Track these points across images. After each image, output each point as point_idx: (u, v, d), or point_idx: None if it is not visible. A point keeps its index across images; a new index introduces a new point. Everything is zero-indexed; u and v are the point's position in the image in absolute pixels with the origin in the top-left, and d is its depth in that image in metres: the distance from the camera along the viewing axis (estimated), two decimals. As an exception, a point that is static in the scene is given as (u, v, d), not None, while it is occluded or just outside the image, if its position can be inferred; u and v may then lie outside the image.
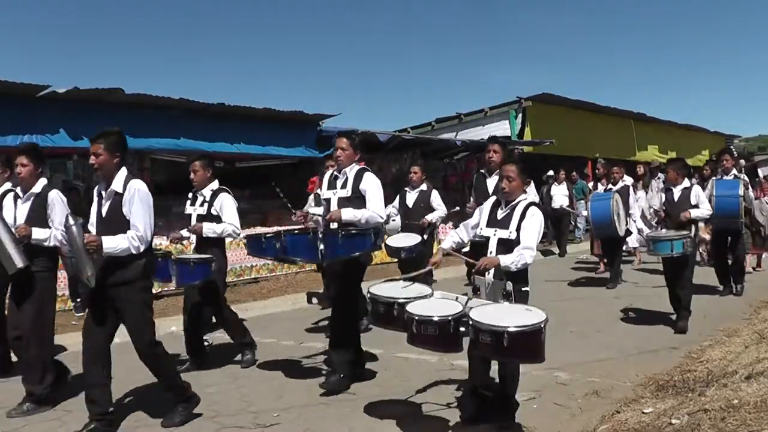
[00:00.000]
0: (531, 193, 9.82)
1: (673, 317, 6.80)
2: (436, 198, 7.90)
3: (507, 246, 4.08)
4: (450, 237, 4.47)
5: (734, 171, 8.60)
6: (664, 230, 6.91)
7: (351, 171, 5.20)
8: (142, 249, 4.17)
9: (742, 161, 9.19)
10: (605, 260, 10.58)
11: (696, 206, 6.92)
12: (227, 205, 5.83)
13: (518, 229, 4.10)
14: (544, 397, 4.71)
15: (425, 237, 7.28)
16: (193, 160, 6.07)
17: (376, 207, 5.12)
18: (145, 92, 9.41)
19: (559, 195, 13.71)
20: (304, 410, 4.70)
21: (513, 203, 4.23)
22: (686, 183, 7.09)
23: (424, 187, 7.95)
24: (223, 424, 4.49)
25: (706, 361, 5.17)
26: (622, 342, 6.21)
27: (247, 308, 8.36)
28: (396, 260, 8.37)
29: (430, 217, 7.71)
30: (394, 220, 8.01)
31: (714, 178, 9.28)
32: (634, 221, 9.35)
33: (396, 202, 8.05)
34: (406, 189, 8.09)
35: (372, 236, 4.92)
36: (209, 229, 5.75)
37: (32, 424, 4.65)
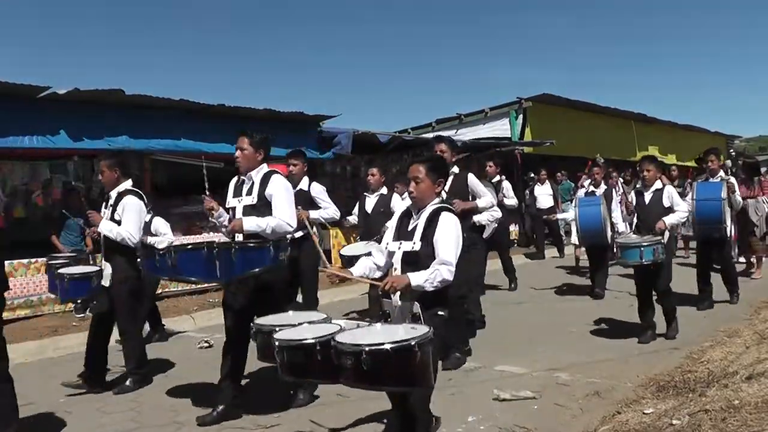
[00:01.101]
0: (508, 193, 9.53)
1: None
2: (397, 202, 7.11)
3: (412, 261, 3.46)
4: (362, 263, 3.76)
5: (721, 173, 8.01)
6: (633, 236, 6.37)
7: (257, 175, 4.60)
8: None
9: (729, 162, 8.75)
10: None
11: (670, 210, 6.31)
12: (128, 208, 5.32)
13: (424, 239, 3.47)
14: (545, 398, 4.71)
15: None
16: (100, 159, 5.64)
17: (283, 214, 4.47)
18: (145, 93, 9.42)
19: (543, 195, 13.53)
20: (305, 411, 4.69)
21: (422, 210, 3.59)
22: (658, 185, 6.46)
23: (384, 190, 7.36)
24: (224, 424, 4.48)
25: (707, 362, 5.17)
26: (623, 343, 6.21)
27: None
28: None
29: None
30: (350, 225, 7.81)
31: (697, 180, 8.84)
32: (615, 224, 8.59)
33: (356, 209, 7.61)
34: (366, 194, 7.53)
35: (271, 250, 4.21)
36: (107, 229, 5.30)
37: (32, 425, 4.65)
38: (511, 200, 9.54)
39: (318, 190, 6.65)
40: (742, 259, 10.37)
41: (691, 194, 7.57)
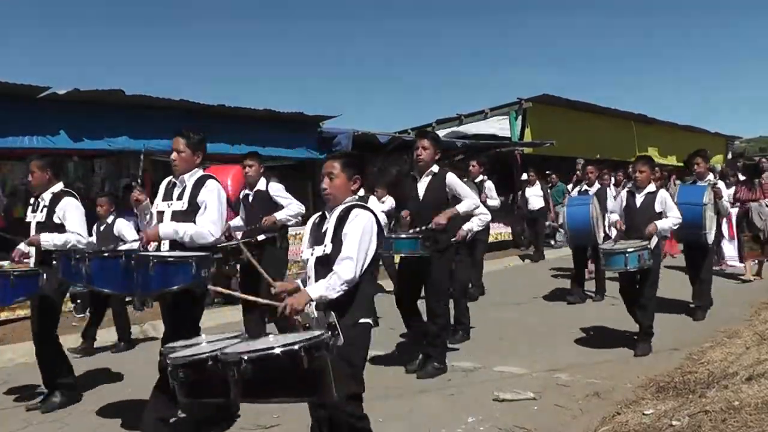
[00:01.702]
0: (491, 193, 9.13)
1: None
2: (373, 205, 7.05)
3: (326, 265, 3.14)
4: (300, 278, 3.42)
5: (710, 176, 7.56)
6: (620, 241, 6.05)
7: (191, 178, 4.22)
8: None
9: (717, 166, 8.29)
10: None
11: (661, 215, 5.94)
12: (70, 209, 4.96)
13: (335, 240, 3.16)
14: (545, 399, 4.71)
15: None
16: (30, 159, 5.21)
17: (206, 221, 4.06)
18: (145, 93, 9.42)
19: (534, 197, 13.46)
20: (305, 411, 4.68)
21: (334, 210, 3.29)
22: (651, 187, 6.07)
23: (360, 194, 7.31)
24: (223, 425, 4.48)
25: (707, 363, 5.17)
26: (623, 343, 6.20)
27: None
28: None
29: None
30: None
31: (681, 183, 8.61)
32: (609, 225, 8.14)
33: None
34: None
35: (193, 266, 3.69)
36: (48, 240, 4.82)
37: (32, 425, 4.65)
38: (494, 201, 9.16)
39: (276, 189, 6.42)
40: (738, 263, 10.15)
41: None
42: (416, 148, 5.47)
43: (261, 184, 6.48)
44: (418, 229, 5.32)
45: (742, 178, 10.55)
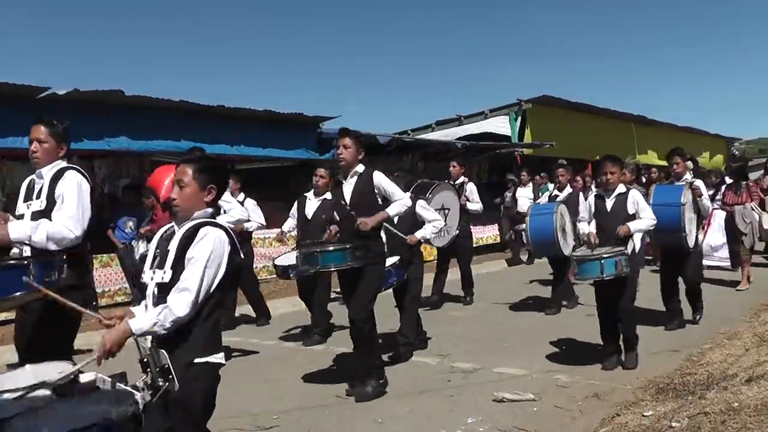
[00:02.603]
0: (472, 197, 8.52)
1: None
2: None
3: (166, 293, 2.70)
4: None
5: (687, 176, 7.00)
6: (587, 249, 5.55)
7: (49, 173, 3.70)
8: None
9: (690, 163, 7.29)
10: None
11: (633, 218, 5.51)
12: None
13: (177, 265, 2.71)
14: (545, 400, 4.70)
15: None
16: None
17: (63, 216, 3.53)
18: (145, 94, 9.42)
19: (524, 198, 12.93)
20: (304, 412, 4.69)
21: (183, 226, 2.81)
22: (621, 188, 5.61)
23: (329, 195, 6.39)
24: (223, 426, 4.47)
25: (707, 364, 5.17)
26: (623, 345, 6.20)
27: (248, 310, 8.35)
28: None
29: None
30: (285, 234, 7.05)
31: (657, 183, 8.16)
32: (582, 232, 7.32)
33: (294, 210, 7.00)
34: (307, 195, 6.90)
35: (33, 270, 3.08)
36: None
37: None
38: (476, 205, 8.59)
39: None
40: (725, 264, 9.57)
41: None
42: (336, 147, 5.08)
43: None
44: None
45: (729, 180, 10.10)
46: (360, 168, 5.00)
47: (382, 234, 5.21)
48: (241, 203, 6.52)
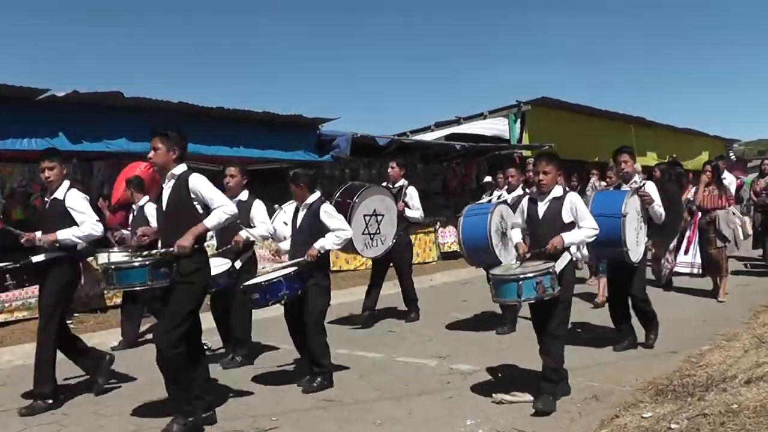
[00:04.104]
0: (413, 202, 7.64)
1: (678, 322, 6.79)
2: (258, 211, 6.05)
3: None
4: None
5: (636, 177, 6.27)
6: (515, 262, 4.82)
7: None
8: None
9: (638, 165, 6.43)
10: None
11: (570, 226, 4.70)
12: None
13: None
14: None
15: (236, 264, 5.73)
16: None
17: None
18: (144, 96, 9.42)
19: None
20: (303, 414, 4.69)
21: None
22: (557, 191, 4.80)
23: (244, 196, 6.14)
24: (222, 428, 4.48)
25: (706, 366, 5.17)
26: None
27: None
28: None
29: (246, 235, 5.82)
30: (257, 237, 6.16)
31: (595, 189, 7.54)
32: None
33: (275, 220, 6.40)
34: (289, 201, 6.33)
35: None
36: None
37: (31, 427, 4.64)
38: (415, 212, 7.70)
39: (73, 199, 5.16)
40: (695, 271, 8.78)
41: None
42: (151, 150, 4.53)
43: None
44: (157, 251, 4.32)
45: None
46: (177, 170, 4.43)
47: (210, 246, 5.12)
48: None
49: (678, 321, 7.26)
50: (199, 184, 4.36)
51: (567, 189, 4.95)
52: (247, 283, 5.20)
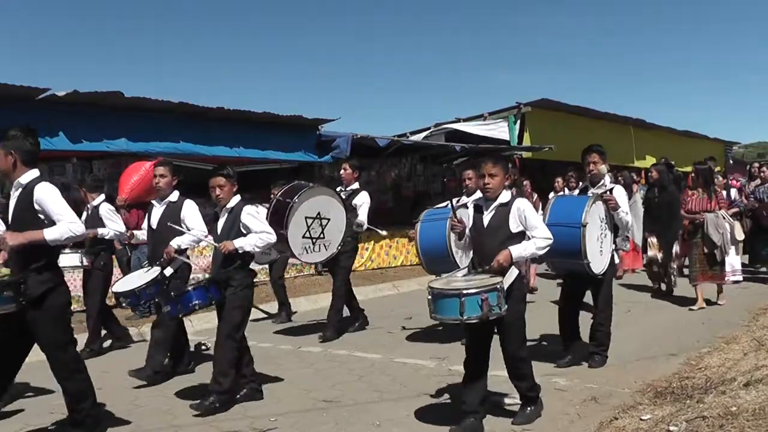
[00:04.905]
0: (361, 207, 7.14)
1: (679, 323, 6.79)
2: (189, 212, 5.54)
3: None
4: None
5: (606, 179, 5.73)
6: (460, 273, 4.39)
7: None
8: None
9: (604, 167, 5.56)
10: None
11: (519, 236, 4.24)
12: None
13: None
14: (543, 403, 4.69)
15: (168, 273, 5.35)
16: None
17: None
18: (144, 96, 9.42)
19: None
20: (302, 415, 4.69)
21: None
22: (504, 197, 4.30)
23: (174, 196, 5.70)
24: (221, 428, 4.48)
25: (705, 368, 5.17)
26: (621, 348, 6.19)
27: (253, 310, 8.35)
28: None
29: (177, 243, 5.36)
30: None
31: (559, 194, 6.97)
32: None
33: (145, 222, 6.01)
34: (153, 201, 5.92)
35: None
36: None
37: (30, 426, 4.64)
38: (358, 218, 7.21)
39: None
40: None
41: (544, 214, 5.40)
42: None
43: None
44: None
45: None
46: (24, 178, 3.96)
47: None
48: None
49: (677, 324, 7.28)
50: (44, 195, 3.85)
51: (514, 195, 4.41)
52: (161, 292, 4.99)
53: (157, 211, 5.74)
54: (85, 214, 6.72)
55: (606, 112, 18.58)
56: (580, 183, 6.61)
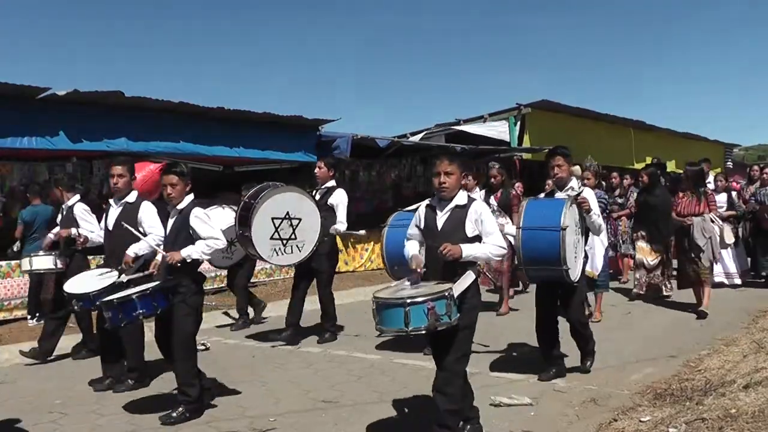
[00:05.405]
0: (337, 207, 6.76)
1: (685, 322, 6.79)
2: (146, 214, 5.38)
3: None
4: None
5: (573, 183, 5.49)
6: (408, 281, 3.92)
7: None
8: None
9: (577, 168, 5.46)
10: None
11: (474, 242, 3.88)
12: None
13: None
14: (542, 404, 4.70)
15: (123, 277, 5.03)
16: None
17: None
18: (145, 95, 9.42)
19: None
20: (301, 415, 4.69)
21: None
22: (461, 198, 3.97)
23: (132, 197, 5.52)
24: (220, 429, 4.48)
25: (704, 370, 5.17)
26: (620, 350, 6.20)
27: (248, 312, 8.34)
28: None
29: (134, 251, 5.19)
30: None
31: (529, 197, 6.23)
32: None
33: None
34: (111, 201, 5.70)
35: None
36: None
37: (29, 427, 4.64)
38: (338, 224, 6.87)
39: None
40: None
41: (516, 218, 5.07)
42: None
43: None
44: None
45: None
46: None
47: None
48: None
49: (677, 325, 7.28)
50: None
51: (471, 197, 4.08)
52: (103, 299, 4.63)
53: (114, 211, 5.55)
54: (60, 215, 6.56)
55: (606, 114, 18.59)
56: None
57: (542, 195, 5.78)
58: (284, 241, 6.08)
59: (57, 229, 6.46)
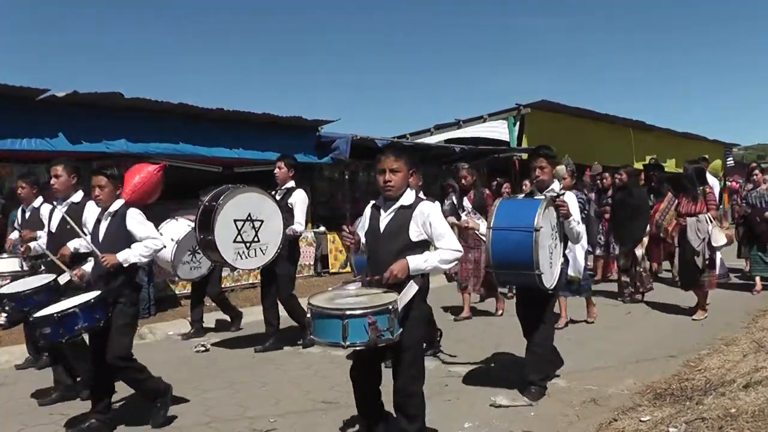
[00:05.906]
0: (296, 207, 6.54)
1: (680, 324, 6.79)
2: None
3: None
4: None
5: (555, 185, 5.09)
6: (352, 286, 3.61)
7: None
8: None
9: (561, 168, 5.17)
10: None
11: (421, 246, 3.58)
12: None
13: None
14: (542, 405, 4.70)
15: (62, 278, 4.79)
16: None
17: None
18: (144, 96, 9.42)
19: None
20: (301, 416, 4.69)
21: None
22: (408, 198, 3.67)
23: (77, 197, 5.31)
24: (220, 429, 4.48)
25: (704, 370, 5.17)
26: (620, 350, 6.20)
27: (244, 313, 8.34)
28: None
29: (74, 245, 4.93)
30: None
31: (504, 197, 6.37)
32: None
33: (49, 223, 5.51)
34: (54, 203, 5.49)
35: None
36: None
37: (29, 427, 4.64)
38: (295, 224, 6.58)
39: None
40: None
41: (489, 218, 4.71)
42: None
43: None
44: None
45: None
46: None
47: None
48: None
49: (677, 325, 7.28)
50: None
51: (420, 197, 3.73)
52: (36, 315, 4.20)
53: (58, 213, 5.29)
54: (26, 215, 6.39)
55: (606, 114, 18.61)
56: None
57: (521, 196, 5.52)
58: (247, 244, 5.96)
59: (16, 233, 6.20)
